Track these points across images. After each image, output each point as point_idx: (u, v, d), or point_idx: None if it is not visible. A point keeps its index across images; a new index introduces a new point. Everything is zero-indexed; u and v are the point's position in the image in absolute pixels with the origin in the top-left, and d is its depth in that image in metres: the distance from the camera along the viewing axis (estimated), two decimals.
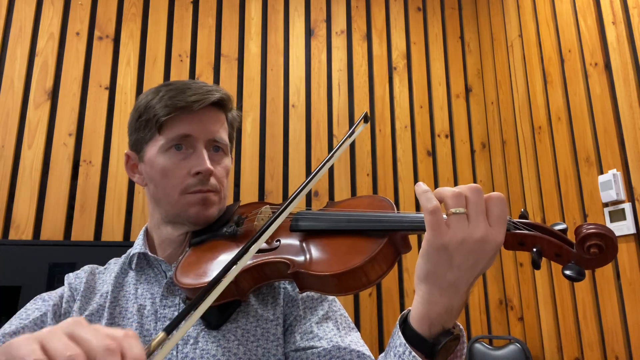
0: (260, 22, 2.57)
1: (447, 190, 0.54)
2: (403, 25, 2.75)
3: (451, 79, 2.73)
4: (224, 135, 0.85)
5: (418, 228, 0.59)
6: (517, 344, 2.18)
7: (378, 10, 2.73)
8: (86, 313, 0.77)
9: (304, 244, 0.69)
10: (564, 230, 0.56)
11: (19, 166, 2.12)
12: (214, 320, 0.74)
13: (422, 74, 2.70)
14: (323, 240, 0.68)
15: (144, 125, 0.82)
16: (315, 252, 0.67)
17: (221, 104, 0.86)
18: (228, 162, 0.87)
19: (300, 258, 0.66)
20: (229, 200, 0.89)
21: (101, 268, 0.88)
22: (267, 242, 0.73)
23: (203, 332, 0.74)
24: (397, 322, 0.59)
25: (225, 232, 0.79)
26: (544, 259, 0.55)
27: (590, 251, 0.53)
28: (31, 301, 0.79)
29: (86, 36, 2.33)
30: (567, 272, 0.52)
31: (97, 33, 2.35)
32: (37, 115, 2.19)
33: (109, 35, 2.36)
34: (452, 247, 0.52)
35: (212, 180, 0.81)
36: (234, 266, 0.56)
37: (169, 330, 0.45)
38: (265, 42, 2.56)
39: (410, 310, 0.58)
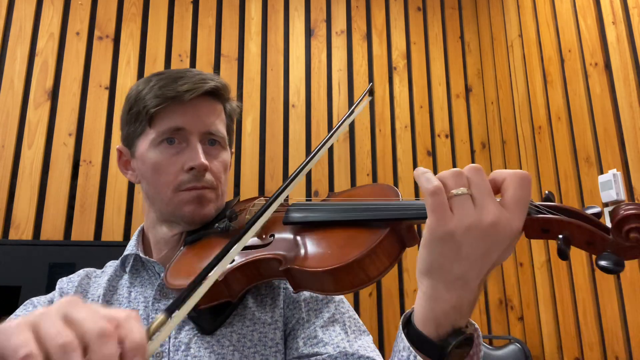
0: (260, 22, 2.57)
1: (445, 171, 0.48)
2: (403, 25, 2.75)
3: (451, 79, 2.73)
4: (220, 127, 0.79)
5: (425, 216, 0.52)
6: (517, 344, 2.18)
7: (378, 10, 2.73)
8: None
9: (298, 238, 0.63)
10: (598, 215, 0.47)
11: (19, 166, 2.12)
12: (207, 325, 0.69)
13: (422, 74, 2.70)
14: (319, 233, 0.62)
15: (135, 118, 0.77)
16: (309, 246, 0.60)
17: (216, 94, 0.79)
18: (226, 156, 0.81)
19: (293, 253, 0.60)
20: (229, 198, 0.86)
21: (98, 271, 0.84)
22: (261, 237, 0.68)
23: (196, 338, 0.69)
24: (400, 324, 0.52)
25: (217, 228, 0.73)
26: (572, 248, 0.47)
27: (629, 237, 0.43)
28: (22, 306, 0.76)
29: (86, 36, 2.33)
30: (603, 263, 0.44)
31: (97, 33, 2.35)
32: (37, 115, 2.19)
33: (109, 35, 2.36)
34: (459, 234, 0.45)
35: (208, 176, 0.75)
36: (219, 263, 0.49)
37: (170, 311, 0.41)
38: (265, 42, 2.56)
39: (413, 309, 0.52)
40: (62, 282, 0.81)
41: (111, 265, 0.84)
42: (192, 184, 0.74)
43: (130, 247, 0.81)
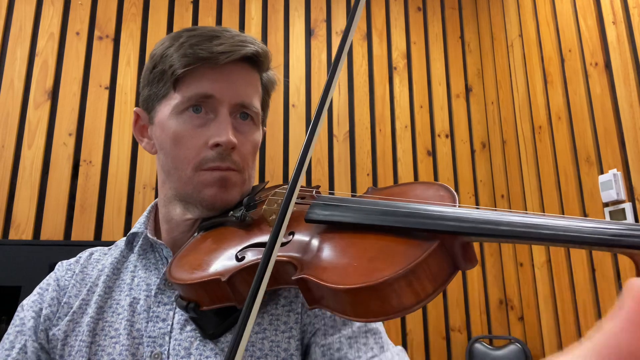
0: (260, 22, 2.57)
1: None
2: (403, 25, 2.75)
3: (451, 78, 2.73)
4: (255, 100, 0.68)
5: (489, 234, 0.40)
6: (517, 344, 2.18)
7: (378, 10, 2.73)
8: (68, 317, 0.65)
9: (319, 242, 0.50)
10: None
11: (19, 166, 2.12)
12: (211, 328, 0.60)
13: (422, 74, 2.70)
14: (346, 238, 0.49)
15: (158, 78, 0.67)
16: (331, 253, 0.48)
17: (255, 60, 0.68)
18: (258, 135, 0.70)
19: (310, 259, 0.48)
20: None
21: (105, 249, 0.76)
22: None
23: (198, 342, 0.60)
24: None
25: (232, 217, 0.63)
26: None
27: None
28: (11, 324, 0.67)
29: (86, 36, 2.33)
30: None
31: (97, 33, 2.35)
32: (37, 115, 2.19)
33: (109, 35, 2.36)
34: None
35: (235, 156, 0.65)
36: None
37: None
38: (265, 42, 2.56)
39: None
40: (61, 269, 0.73)
41: (120, 247, 0.76)
42: (216, 164, 0.64)
43: (139, 225, 0.72)
